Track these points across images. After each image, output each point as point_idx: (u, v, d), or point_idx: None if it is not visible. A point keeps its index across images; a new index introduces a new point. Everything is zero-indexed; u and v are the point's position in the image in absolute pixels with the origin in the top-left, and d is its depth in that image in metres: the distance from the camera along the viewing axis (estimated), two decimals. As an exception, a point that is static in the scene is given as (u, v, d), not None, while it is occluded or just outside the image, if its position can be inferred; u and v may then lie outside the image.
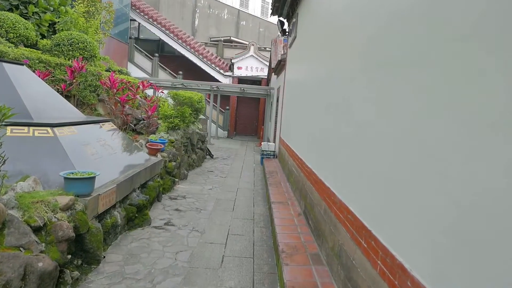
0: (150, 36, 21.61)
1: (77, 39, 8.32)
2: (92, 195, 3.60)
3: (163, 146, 6.70)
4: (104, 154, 4.66)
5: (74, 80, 7.67)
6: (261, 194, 7.09)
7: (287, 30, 9.93)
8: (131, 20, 20.09)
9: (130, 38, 19.60)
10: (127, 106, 7.24)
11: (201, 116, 18.90)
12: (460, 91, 1.49)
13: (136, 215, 4.66)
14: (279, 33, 11.31)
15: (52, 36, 8.90)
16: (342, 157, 3.21)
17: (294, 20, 8.79)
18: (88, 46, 8.50)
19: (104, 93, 7.86)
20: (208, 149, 11.44)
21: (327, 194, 3.59)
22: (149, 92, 15.01)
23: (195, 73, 20.30)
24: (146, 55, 19.71)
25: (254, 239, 4.57)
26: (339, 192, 3.19)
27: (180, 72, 19.49)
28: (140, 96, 7.45)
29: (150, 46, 21.75)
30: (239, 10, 29.28)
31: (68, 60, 8.27)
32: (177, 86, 16.00)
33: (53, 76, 7.63)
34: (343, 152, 3.22)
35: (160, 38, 20.18)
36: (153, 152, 6.49)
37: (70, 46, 8.26)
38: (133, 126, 7.32)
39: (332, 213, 3.29)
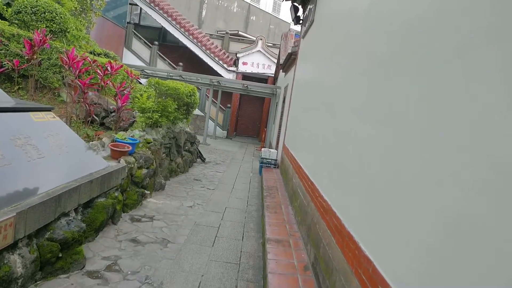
0: (152, 23, 20.12)
1: (43, 8, 6.77)
2: None
3: (131, 148, 5.13)
4: (19, 160, 3.09)
5: (34, 57, 6.12)
6: (255, 218, 5.49)
7: (301, 18, 8.34)
8: (132, 4, 18.60)
9: (129, 23, 18.08)
10: (91, 93, 5.67)
11: (200, 113, 17.43)
12: None
13: (60, 254, 3.09)
14: (291, 21, 9.75)
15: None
16: (414, 208, 1.62)
17: (311, 6, 7.20)
18: (57, 18, 6.94)
19: (73, 76, 6.30)
20: (200, 152, 9.86)
21: (362, 266, 2.00)
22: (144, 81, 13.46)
23: (196, 65, 18.74)
24: (145, 42, 18.18)
25: (235, 307, 2.98)
26: (398, 282, 1.59)
27: (180, 64, 17.94)
28: (111, 81, 5.86)
29: (150, 33, 20.24)
30: (249, 4, 27.79)
31: (34, 33, 6.73)
32: (173, 77, 14.43)
33: (7, 49, 6.10)
34: (411, 196, 1.62)
35: (162, 26, 18.63)
36: (116, 155, 4.92)
37: (34, 15, 6.70)
38: (97, 119, 5.75)
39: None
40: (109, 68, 5.56)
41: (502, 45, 1.20)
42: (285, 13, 28.84)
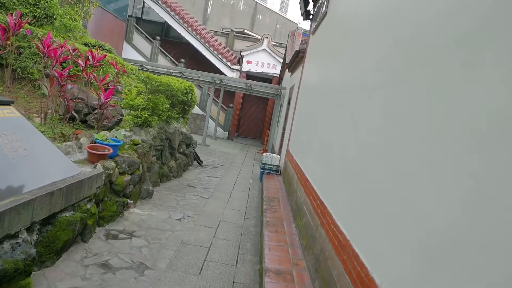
0: (154, 18, 19.46)
1: (26, -10, 6.11)
2: None
3: (112, 151, 4.44)
4: (-51, 165, 2.40)
5: (8, 43, 5.44)
6: (253, 236, 4.78)
7: (311, 12, 7.64)
8: (135, -3, 17.98)
9: (130, 16, 17.45)
10: (71, 86, 4.99)
11: (201, 112, 16.73)
12: None
13: (-3, 291, 2.39)
14: (298, 21, 9.07)
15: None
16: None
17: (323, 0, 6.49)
18: (42, 2, 6.27)
19: (49, 65, 5.62)
20: (196, 154, 9.16)
21: None
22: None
23: (199, 63, 18.08)
24: (146, 37, 17.53)
25: None
26: None
27: (182, 60, 17.28)
28: (93, 74, 5.16)
29: (153, 28, 19.56)
30: (256, 2, 27.08)
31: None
32: (174, 74, 13.75)
33: (-21, 35, 5.43)
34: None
35: (165, 21, 17.99)
36: (94, 159, 4.23)
37: (15, -2, 6.05)
38: (77, 116, 5.06)
39: None
40: (90, 57, 4.87)
41: None
42: (293, 13, 28.09)
